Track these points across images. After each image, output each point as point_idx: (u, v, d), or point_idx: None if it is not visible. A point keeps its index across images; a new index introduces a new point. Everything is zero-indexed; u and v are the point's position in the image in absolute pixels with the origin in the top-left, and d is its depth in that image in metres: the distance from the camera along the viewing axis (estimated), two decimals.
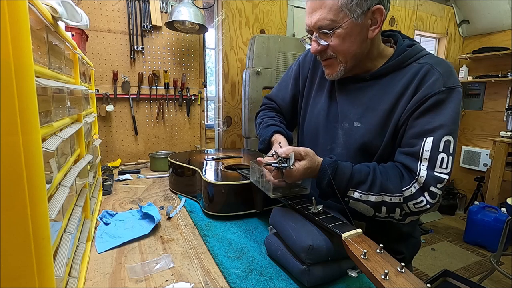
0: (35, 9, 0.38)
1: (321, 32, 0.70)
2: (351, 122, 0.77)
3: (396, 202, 0.65)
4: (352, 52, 0.71)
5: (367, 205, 0.67)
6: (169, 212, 0.89)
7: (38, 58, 0.40)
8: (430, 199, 0.63)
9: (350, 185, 0.67)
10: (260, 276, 0.59)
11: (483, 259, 2.52)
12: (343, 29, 0.68)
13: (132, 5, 1.64)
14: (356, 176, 0.67)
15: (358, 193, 0.67)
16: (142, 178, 1.32)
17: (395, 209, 0.66)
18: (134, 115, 1.74)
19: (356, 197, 0.67)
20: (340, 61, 0.73)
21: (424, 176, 0.63)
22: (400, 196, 0.65)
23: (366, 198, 0.66)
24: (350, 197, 0.68)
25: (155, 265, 0.63)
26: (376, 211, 0.67)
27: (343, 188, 0.67)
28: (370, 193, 0.66)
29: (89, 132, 0.87)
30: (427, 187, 0.63)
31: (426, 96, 0.66)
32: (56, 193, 0.43)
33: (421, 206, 0.64)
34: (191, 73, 1.87)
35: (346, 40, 0.70)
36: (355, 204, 0.68)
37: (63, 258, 0.42)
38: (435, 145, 0.63)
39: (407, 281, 0.39)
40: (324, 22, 0.68)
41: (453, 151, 0.64)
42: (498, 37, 3.28)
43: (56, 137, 0.43)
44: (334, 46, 0.71)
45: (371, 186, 0.66)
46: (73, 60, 0.68)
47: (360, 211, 0.69)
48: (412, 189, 0.64)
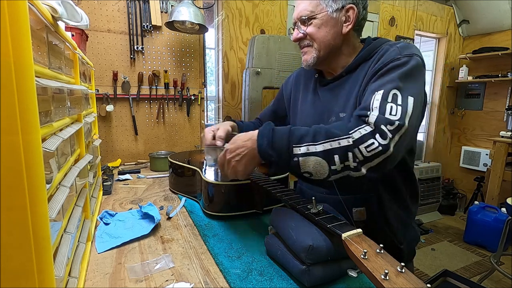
0: (35, 9, 0.38)
1: (301, 21, 0.81)
2: (337, 115, 0.82)
3: (346, 145, 0.60)
4: (326, 41, 0.81)
5: (317, 157, 0.61)
6: (169, 212, 0.89)
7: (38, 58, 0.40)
8: (381, 140, 0.60)
9: (292, 141, 0.63)
10: (260, 276, 0.59)
11: (483, 259, 2.52)
12: (319, 19, 0.79)
13: (132, 5, 1.64)
14: (296, 132, 0.64)
15: (303, 147, 0.62)
16: (142, 178, 1.32)
17: (347, 154, 0.60)
18: (134, 115, 1.74)
19: (303, 152, 0.62)
20: (315, 48, 0.82)
21: (375, 116, 0.61)
22: (349, 138, 0.61)
23: (313, 149, 0.61)
24: (296, 155, 0.62)
25: (155, 265, 0.63)
26: (330, 164, 0.61)
27: (286, 148, 0.63)
28: (315, 143, 0.62)
29: (89, 132, 0.87)
30: (377, 127, 0.60)
31: (383, 63, 0.71)
32: (56, 193, 0.43)
33: (374, 149, 0.59)
34: (191, 73, 1.87)
35: (321, 29, 0.80)
36: (306, 162, 0.62)
37: (63, 258, 0.42)
38: (384, 97, 0.63)
39: (407, 281, 0.39)
40: (305, 12, 0.80)
41: (403, 103, 0.62)
42: (498, 37, 3.28)
43: (56, 137, 0.43)
44: (311, 33, 0.81)
45: (315, 136, 0.63)
46: (73, 60, 0.68)
47: (314, 172, 0.63)
48: (361, 131, 0.61)
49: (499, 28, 3.24)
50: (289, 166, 0.64)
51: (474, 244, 2.75)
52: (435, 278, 1.80)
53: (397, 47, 0.73)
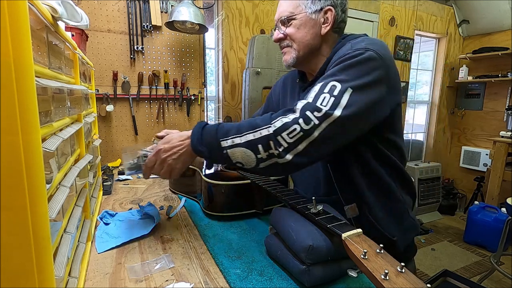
0: (35, 9, 0.38)
1: (281, 22, 0.83)
2: None
3: (266, 134, 0.62)
4: (305, 42, 0.82)
5: (242, 148, 0.64)
6: (169, 212, 0.89)
7: (38, 58, 0.40)
8: (304, 125, 0.60)
9: (219, 136, 0.66)
10: (260, 276, 0.59)
11: (483, 259, 2.52)
12: (298, 20, 0.81)
13: (132, 5, 1.64)
14: (223, 127, 0.67)
15: (229, 140, 0.65)
16: (142, 178, 1.32)
17: (269, 142, 0.62)
18: (134, 115, 1.74)
19: (229, 144, 0.65)
20: (295, 48, 0.84)
21: (302, 104, 0.63)
22: (269, 127, 0.62)
23: (238, 141, 0.64)
24: (224, 147, 0.65)
25: (155, 265, 0.63)
26: (256, 153, 0.63)
27: (215, 143, 0.66)
28: (239, 135, 0.64)
29: (89, 132, 0.87)
30: (302, 113, 0.61)
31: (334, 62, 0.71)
32: (56, 193, 0.43)
33: (296, 134, 0.60)
34: (191, 73, 1.87)
35: (300, 30, 0.81)
36: (233, 154, 0.65)
37: (63, 258, 0.42)
38: (321, 88, 0.64)
39: (407, 281, 0.39)
40: (285, 13, 0.82)
41: (338, 94, 0.62)
42: (498, 37, 3.28)
43: (56, 137, 0.43)
44: (290, 34, 0.82)
45: (239, 129, 0.65)
46: (73, 60, 0.68)
47: (244, 162, 0.65)
48: (283, 119, 0.62)
49: (499, 28, 3.24)
50: (221, 158, 0.67)
51: (474, 244, 2.75)
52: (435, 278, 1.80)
53: (351, 43, 0.73)
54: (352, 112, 0.62)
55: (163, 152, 0.70)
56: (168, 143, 0.71)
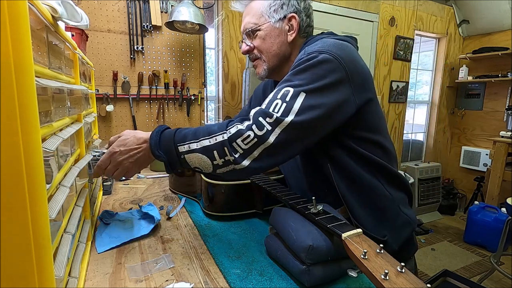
0: (35, 9, 0.38)
1: (247, 34, 0.83)
2: None
3: (221, 140, 0.62)
4: (273, 52, 0.82)
5: (198, 154, 0.64)
6: (169, 212, 0.89)
7: (38, 58, 0.40)
8: (258, 131, 0.61)
9: (176, 141, 0.66)
10: (260, 276, 0.59)
11: (483, 259, 2.52)
12: (263, 30, 0.80)
13: (132, 5, 1.64)
14: (180, 132, 0.67)
15: (186, 145, 0.65)
16: (142, 178, 1.32)
17: (223, 149, 0.62)
18: (134, 115, 1.74)
19: (186, 150, 0.65)
20: (264, 60, 0.83)
21: (255, 110, 0.64)
22: (224, 134, 0.62)
23: (194, 146, 0.64)
24: (181, 152, 0.65)
25: (155, 265, 0.63)
26: (212, 159, 0.63)
27: (172, 148, 0.66)
28: (195, 141, 0.64)
29: (89, 132, 0.87)
30: (254, 120, 0.62)
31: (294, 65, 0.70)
32: (56, 193, 0.43)
33: (250, 140, 0.61)
34: (191, 73, 1.87)
35: (266, 40, 0.81)
36: (190, 159, 0.65)
37: (63, 258, 0.42)
38: (275, 95, 0.64)
39: (407, 281, 0.39)
40: (249, 25, 0.81)
41: (290, 100, 0.62)
42: (498, 37, 3.28)
43: (56, 137, 0.43)
44: (257, 46, 0.82)
45: (195, 135, 0.65)
46: (73, 60, 0.68)
47: (201, 167, 0.65)
48: (238, 126, 0.62)
49: (499, 28, 3.24)
50: (179, 164, 0.67)
51: (474, 244, 2.75)
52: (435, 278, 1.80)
53: (305, 50, 0.72)
54: (306, 117, 0.62)
55: (119, 155, 0.69)
56: (124, 145, 0.69)
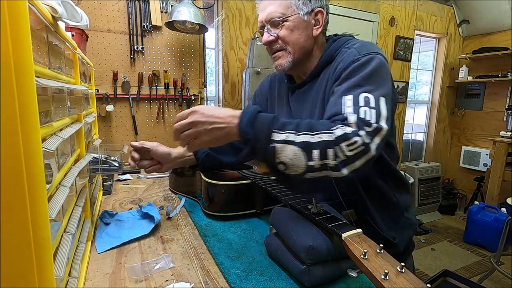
0: (35, 9, 0.38)
1: (272, 24, 0.79)
2: None
3: (327, 140, 0.56)
4: (300, 44, 0.79)
5: (296, 147, 0.57)
6: (169, 212, 0.89)
7: (38, 58, 0.40)
8: (366, 138, 0.57)
9: (272, 126, 0.60)
10: (260, 276, 0.59)
11: (483, 259, 2.52)
12: (291, 21, 0.77)
13: (132, 5, 1.64)
14: (280, 119, 0.62)
15: (284, 134, 0.58)
16: (142, 178, 1.32)
17: (326, 150, 0.56)
18: (134, 115, 1.74)
19: (282, 139, 0.58)
20: (289, 52, 0.80)
21: (353, 119, 0.59)
22: (331, 134, 0.57)
23: (293, 138, 0.58)
24: (274, 141, 0.59)
25: (155, 265, 0.63)
26: (308, 158, 0.57)
27: (266, 130, 0.60)
28: (297, 133, 0.58)
29: (89, 132, 0.87)
30: (358, 128, 0.58)
31: (343, 67, 0.71)
32: (56, 193, 0.43)
33: (356, 147, 0.56)
34: (191, 73, 1.87)
35: (294, 32, 0.78)
36: (283, 151, 0.58)
37: (63, 258, 0.42)
38: (355, 101, 0.62)
39: (407, 281, 0.39)
40: (275, 14, 0.78)
41: (376, 106, 0.61)
42: (498, 37, 3.28)
43: (56, 137, 0.43)
44: (283, 36, 0.79)
45: (298, 126, 0.59)
46: (73, 60, 0.68)
47: (292, 164, 0.59)
48: (344, 128, 0.57)
49: (499, 28, 3.24)
50: (265, 151, 0.60)
51: (474, 244, 2.75)
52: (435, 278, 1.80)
53: (355, 48, 0.73)
54: (390, 123, 0.62)
55: (202, 124, 0.63)
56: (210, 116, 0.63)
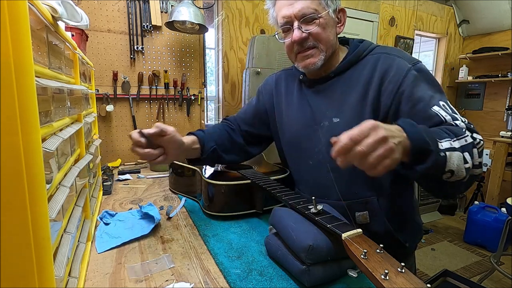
0: (35, 9, 0.38)
1: (304, 20, 0.75)
2: (330, 119, 0.80)
3: (471, 141, 0.60)
4: (330, 42, 0.78)
5: (459, 153, 0.57)
6: (169, 212, 0.89)
7: (38, 58, 0.40)
8: (478, 136, 0.62)
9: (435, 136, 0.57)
10: (260, 276, 0.59)
11: (483, 259, 2.52)
12: (324, 18, 0.75)
13: (132, 5, 1.64)
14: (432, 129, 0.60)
15: (446, 142, 0.57)
16: (142, 178, 1.32)
17: (472, 151, 0.60)
18: (134, 115, 1.74)
19: (446, 147, 0.56)
20: (321, 49, 0.78)
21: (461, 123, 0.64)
22: (468, 136, 0.60)
23: (454, 144, 0.58)
24: (442, 150, 0.55)
25: (155, 265, 0.63)
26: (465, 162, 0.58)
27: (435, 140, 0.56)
28: (453, 139, 0.59)
29: (89, 132, 0.87)
30: (469, 129, 0.63)
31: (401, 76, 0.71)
32: (56, 193, 0.43)
33: (481, 145, 0.62)
34: (191, 73, 1.87)
35: (326, 29, 0.76)
36: (451, 158, 0.56)
37: (63, 258, 0.42)
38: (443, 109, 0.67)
39: (407, 281, 0.39)
40: (308, 10, 0.74)
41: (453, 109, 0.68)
42: (498, 37, 3.28)
43: (56, 137, 0.43)
44: (317, 34, 0.76)
45: (448, 133, 0.59)
46: (73, 60, 0.68)
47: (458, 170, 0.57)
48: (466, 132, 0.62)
49: (499, 28, 3.24)
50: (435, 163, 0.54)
51: (474, 244, 2.75)
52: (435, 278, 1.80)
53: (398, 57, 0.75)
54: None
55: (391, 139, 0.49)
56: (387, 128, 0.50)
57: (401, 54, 0.76)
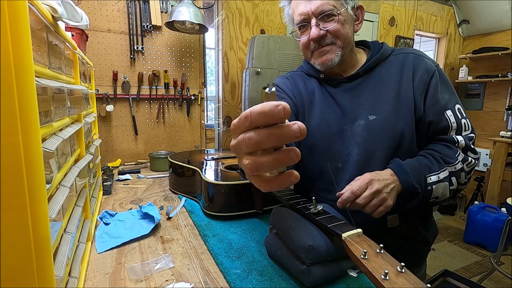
0: (35, 9, 0.38)
1: (322, 18, 0.75)
2: (365, 117, 0.78)
3: (460, 168, 0.70)
4: (348, 39, 0.78)
5: (444, 182, 0.69)
6: (169, 212, 0.89)
7: (38, 58, 0.40)
8: (473, 155, 0.73)
9: (424, 172, 0.69)
10: (260, 276, 0.59)
11: (483, 259, 2.52)
12: (343, 15, 0.75)
13: (132, 5, 1.64)
14: (422, 163, 0.70)
15: (434, 176, 0.69)
16: (142, 178, 1.32)
17: (460, 174, 0.70)
18: (134, 115, 1.74)
19: (434, 180, 0.68)
20: (339, 46, 0.77)
21: (462, 140, 0.72)
22: (458, 163, 0.70)
23: (442, 176, 0.69)
24: (429, 183, 0.68)
25: (155, 265, 0.63)
26: (450, 184, 0.70)
27: (423, 180, 0.68)
28: (441, 171, 0.69)
29: (89, 132, 0.87)
30: (467, 148, 0.72)
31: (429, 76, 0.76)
32: (56, 193, 0.43)
33: (472, 164, 0.72)
34: (191, 73, 1.87)
35: (345, 26, 0.76)
36: (437, 189, 0.69)
37: (63, 258, 0.42)
38: (455, 116, 0.74)
39: (407, 281, 0.39)
40: (328, 6, 0.73)
41: (465, 113, 0.76)
42: (498, 37, 3.28)
43: (56, 137, 0.43)
44: (336, 31, 0.75)
45: (438, 164, 0.70)
46: (73, 60, 0.68)
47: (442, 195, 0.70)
48: (461, 153, 0.72)
49: (499, 28, 3.24)
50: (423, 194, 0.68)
51: (474, 244, 2.75)
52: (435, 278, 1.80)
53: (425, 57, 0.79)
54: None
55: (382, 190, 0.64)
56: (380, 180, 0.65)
57: (425, 55, 0.80)
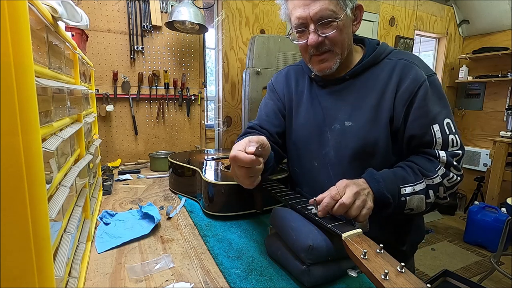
0: (35, 9, 0.38)
1: (320, 24, 0.70)
2: (341, 123, 0.78)
3: (438, 182, 0.69)
4: (346, 44, 0.75)
5: (420, 195, 0.68)
6: (169, 212, 0.89)
7: (38, 58, 0.40)
8: (456, 171, 0.71)
9: (399, 183, 0.67)
10: (260, 276, 0.59)
11: (483, 259, 2.52)
12: (342, 20, 0.71)
13: (132, 5, 1.64)
14: (398, 174, 0.69)
15: (409, 188, 0.67)
16: (142, 178, 1.32)
17: (438, 188, 0.69)
18: (134, 115, 1.74)
19: (408, 192, 0.67)
20: (337, 53, 0.75)
21: (444, 156, 0.69)
22: (436, 177, 0.69)
23: (418, 188, 0.68)
24: (403, 195, 0.67)
25: (155, 265, 0.63)
26: (427, 198, 0.69)
27: (396, 190, 0.67)
28: (417, 183, 0.68)
29: (89, 132, 0.87)
30: (449, 164, 0.70)
31: (416, 87, 0.71)
32: (56, 193, 0.43)
33: (454, 180, 0.70)
34: (191, 73, 1.87)
35: (343, 32, 0.72)
36: (411, 201, 0.68)
37: (63, 258, 0.42)
38: (442, 131, 0.70)
39: (407, 281, 0.39)
40: (326, 12, 0.69)
41: (455, 129, 0.72)
42: (498, 37, 3.28)
43: (56, 137, 0.43)
44: (334, 37, 0.72)
45: (415, 176, 0.68)
46: (73, 60, 0.68)
47: (417, 207, 0.69)
48: (442, 168, 0.70)
49: (499, 28, 3.24)
50: (397, 204, 0.67)
51: (474, 244, 2.75)
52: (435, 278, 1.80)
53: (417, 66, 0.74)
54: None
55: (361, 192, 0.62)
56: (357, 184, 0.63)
57: (419, 62, 0.75)
